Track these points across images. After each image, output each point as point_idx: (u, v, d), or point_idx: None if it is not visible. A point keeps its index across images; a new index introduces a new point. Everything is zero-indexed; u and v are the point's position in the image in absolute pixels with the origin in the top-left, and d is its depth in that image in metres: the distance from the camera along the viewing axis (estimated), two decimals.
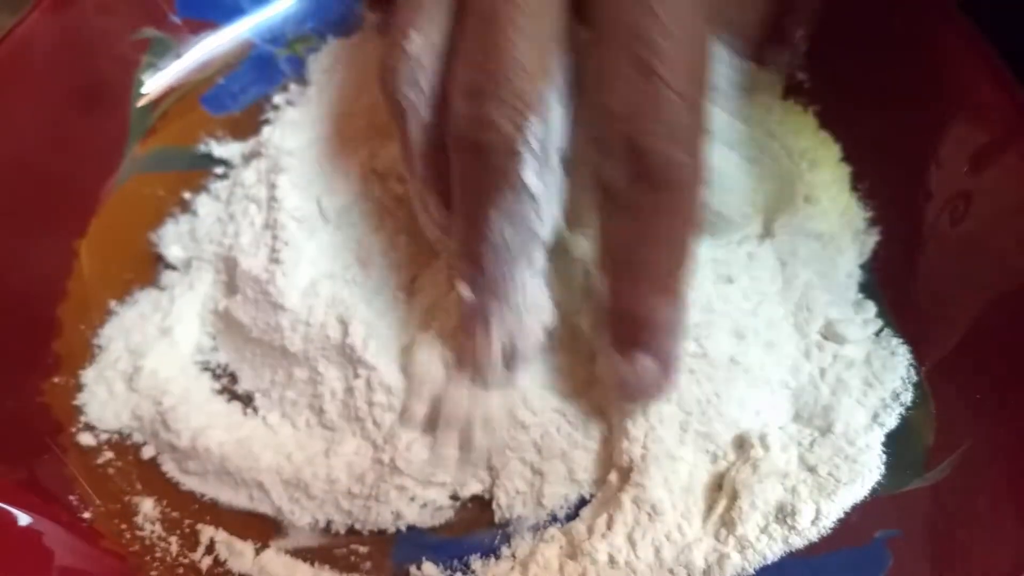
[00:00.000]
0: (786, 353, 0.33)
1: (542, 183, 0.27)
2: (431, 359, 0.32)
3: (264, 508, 0.33)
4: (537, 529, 0.32)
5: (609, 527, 0.30)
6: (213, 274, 0.37)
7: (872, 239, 0.36)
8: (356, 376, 0.32)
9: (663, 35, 0.25)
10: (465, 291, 0.29)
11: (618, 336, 0.29)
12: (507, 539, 0.32)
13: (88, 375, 0.35)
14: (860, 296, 0.34)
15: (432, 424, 0.32)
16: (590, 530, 0.30)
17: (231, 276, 0.36)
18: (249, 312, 0.34)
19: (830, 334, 0.33)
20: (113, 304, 0.37)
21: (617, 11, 0.26)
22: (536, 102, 0.26)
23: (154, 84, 0.40)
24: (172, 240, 0.38)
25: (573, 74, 0.27)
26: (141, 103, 0.40)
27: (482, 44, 0.26)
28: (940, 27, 0.35)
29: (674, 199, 0.26)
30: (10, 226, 0.36)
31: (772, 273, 0.34)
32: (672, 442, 0.31)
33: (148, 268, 0.38)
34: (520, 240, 0.28)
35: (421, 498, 0.32)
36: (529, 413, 0.31)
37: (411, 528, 0.32)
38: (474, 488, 0.32)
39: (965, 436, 0.29)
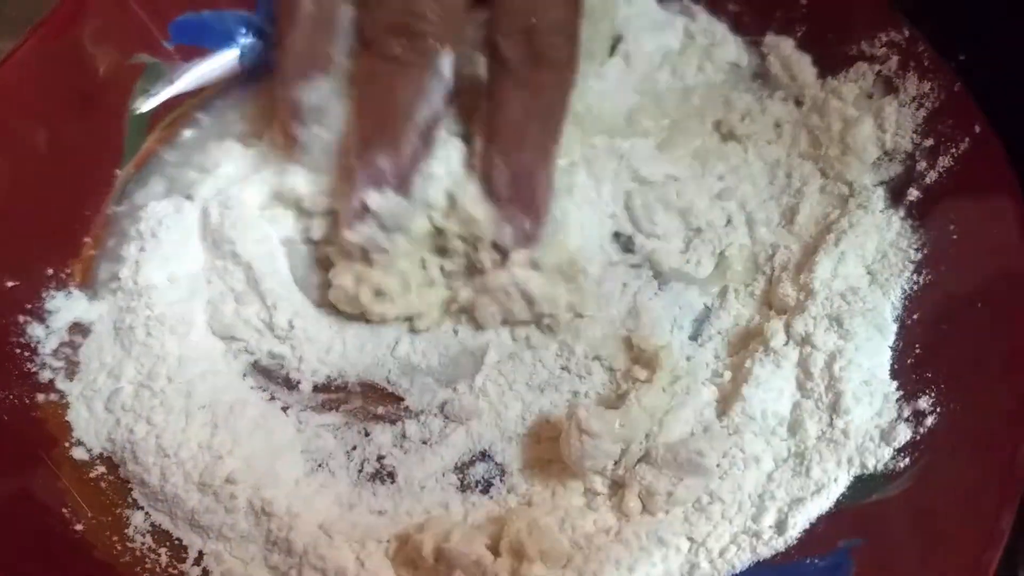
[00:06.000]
0: None
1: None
2: None
3: None
4: None
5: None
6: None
7: None
8: None
9: None
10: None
11: (502, 195, 0.34)
12: None
13: (72, 392, 0.36)
14: None
15: None
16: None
17: None
18: None
19: None
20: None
21: None
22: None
23: (148, 108, 0.41)
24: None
25: None
26: (135, 126, 0.41)
27: None
28: None
29: (553, 77, 0.33)
30: (6, 243, 0.36)
31: None
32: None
33: None
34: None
35: None
36: None
37: None
38: None
39: (924, 451, 0.31)
